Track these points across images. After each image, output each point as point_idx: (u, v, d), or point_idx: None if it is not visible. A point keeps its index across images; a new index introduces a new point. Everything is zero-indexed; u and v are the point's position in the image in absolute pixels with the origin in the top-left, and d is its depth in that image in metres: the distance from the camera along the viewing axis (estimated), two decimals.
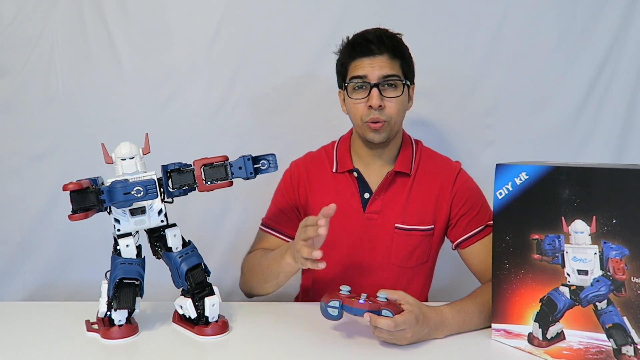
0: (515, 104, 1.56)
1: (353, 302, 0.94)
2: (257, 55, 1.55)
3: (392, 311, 0.92)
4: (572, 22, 1.52)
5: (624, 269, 0.81)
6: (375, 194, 1.22)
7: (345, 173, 1.25)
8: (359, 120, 1.17)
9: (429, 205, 1.22)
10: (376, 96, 1.12)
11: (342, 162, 1.26)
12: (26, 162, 1.56)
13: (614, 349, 0.83)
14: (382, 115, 1.14)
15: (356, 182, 1.24)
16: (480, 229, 1.20)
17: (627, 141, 1.56)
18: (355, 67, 1.15)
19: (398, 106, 1.15)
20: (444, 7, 1.52)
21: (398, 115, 1.17)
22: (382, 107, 1.13)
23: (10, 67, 1.53)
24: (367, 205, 1.22)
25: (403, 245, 1.21)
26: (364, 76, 1.14)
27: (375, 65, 1.13)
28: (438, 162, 1.26)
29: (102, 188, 0.94)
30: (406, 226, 1.21)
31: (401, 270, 1.23)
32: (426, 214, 1.21)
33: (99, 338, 1.00)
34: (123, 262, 0.99)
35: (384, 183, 1.21)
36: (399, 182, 1.23)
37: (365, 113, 1.15)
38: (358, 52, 1.15)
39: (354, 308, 0.93)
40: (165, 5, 1.53)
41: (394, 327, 0.90)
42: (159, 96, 1.55)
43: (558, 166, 0.87)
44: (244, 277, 1.25)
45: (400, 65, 1.16)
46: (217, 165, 1.02)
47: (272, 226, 1.29)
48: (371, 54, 1.14)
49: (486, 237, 1.18)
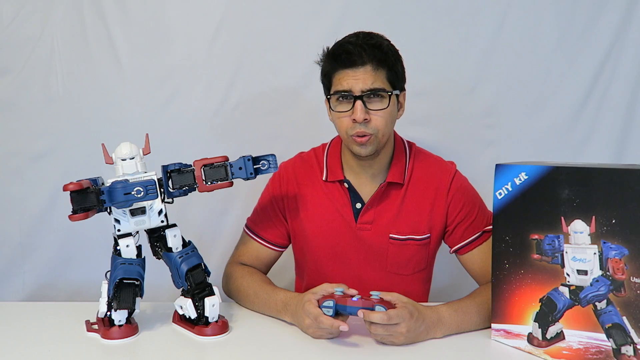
0: (515, 104, 1.56)
1: (347, 301, 0.94)
2: (257, 55, 1.55)
3: (385, 307, 0.92)
4: (572, 22, 1.52)
5: (623, 269, 0.81)
6: (368, 205, 1.18)
7: (336, 182, 1.21)
8: (344, 133, 1.12)
9: (423, 213, 1.19)
10: (360, 109, 1.06)
11: (332, 171, 1.21)
12: (26, 162, 1.56)
13: (614, 348, 0.83)
14: (367, 128, 1.08)
15: (347, 192, 1.20)
16: (478, 235, 1.18)
17: (627, 141, 1.55)
18: (339, 79, 1.09)
19: (385, 118, 1.09)
20: (443, 7, 1.52)
21: (385, 127, 1.10)
22: (367, 120, 1.08)
23: (10, 67, 1.53)
24: (360, 215, 1.19)
25: (399, 255, 1.20)
26: (348, 90, 1.07)
27: (359, 77, 1.07)
28: (432, 167, 1.22)
29: (103, 188, 0.95)
30: (401, 236, 1.18)
31: (399, 277, 1.21)
32: (421, 223, 1.19)
33: (99, 338, 1.00)
34: (123, 262, 0.99)
35: (377, 194, 1.18)
36: (391, 192, 1.19)
37: (350, 126, 1.09)
38: (340, 64, 1.09)
39: (348, 306, 0.93)
40: (165, 5, 1.53)
41: (387, 320, 0.90)
42: (159, 96, 1.55)
43: (558, 166, 0.88)
44: (228, 290, 1.21)
45: (385, 75, 1.09)
46: (217, 166, 1.02)
47: (256, 231, 1.25)
48: (354, 65, 1.07)
49: (484, 243, 1.17)
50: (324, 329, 0.96)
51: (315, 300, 0.97)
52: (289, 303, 1.04)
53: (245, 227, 1.29)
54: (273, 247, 1.26)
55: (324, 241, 1.22)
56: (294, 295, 1.05)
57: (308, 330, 0.98)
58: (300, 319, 1.00)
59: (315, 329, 0.96)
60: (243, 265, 1.23)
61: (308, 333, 0.99)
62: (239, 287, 1.17)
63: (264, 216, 1.26)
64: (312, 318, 0.95)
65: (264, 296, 1.10)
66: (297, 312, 1.00)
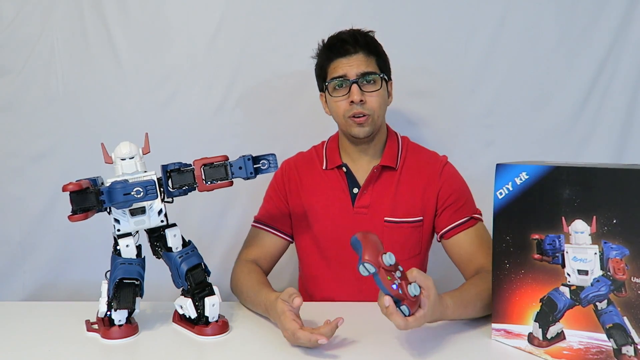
0: (515, 104, 1.56)
1: (387, 280, 0.87)
2: (257, 56, 1.55)
3: (409, 309, 0.87)
4: (572, 22, 1.52)
5: (624, 269, 0.81)
6: (363, 189, 1.24)
7: (335, 169, 1.27)
8: (341, 117, 1.20)
9: (416, 197, 1.23)
10: (356, 91, 1.16)
11: (331, 159, 1.29)
12: (26, 162, 1.56)
13: (614, 349, 0.83)
14: (364, 109, 1.17)
15: (345, 177, 1.26)
16: (465, 219, 1.20)
17: (627, 141, 1.56)
18: (334, 68, 1.20)
19: (379, 100, 1.19)
20: (444, 7, 1.52)
21: (380, 109, 1.20)
22: (363, 101, 1.17)
23: (10, 67, 1.53)
24: (356, 200, 1.24)
25: (394, 238, 1.22)
26: (343, 75, 1.18)
27: (353, 63, 1.18)
28: (424, 156, 1.29)
29: (102, 189, 0.94)
30: (396, 219, 1.23)
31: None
32: (414, 206, 1.23)
33: (99, 338, 1.00)
34: (123, 262, 0.99)
35: (371, 177, 1.24)
36: (386, 176, 1.25)
37: (347, 109, 1.18)
38: (335, 53, 1.19)
39: (383, 286, 0.86)
40: (165, 5, 1.53)
41: (404, 328, 0.88)
42: (159, 96, 1.55)
43: (558, 166, 0.87)
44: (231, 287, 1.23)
45: (376, 62, 1.20)
46: (217, 165, 1.02)
47: (263, 221, 1.29)
48: (347, 53, 1.18)
49: (470, 229, 1.20)
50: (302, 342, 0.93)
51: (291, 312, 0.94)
52: (269, 307, 1.02)
53: (254, 223, 1.31)
54: (280, 234, 1.28)
55: (324, 227, 1.26)
56: (272, 300, 1.01)
57: (288, 341, 0.95)
58: (280, 327, 0.97)
59: (295, 340, 0.93)
60: (246, 262, 1.23)
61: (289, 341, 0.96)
62: (236, 284, 1.20)
63: (269, 207, 1.31)
64: (290, 333, 0.93)
65: (252, 295, 1.12)
66: (276, 320, 0.99)
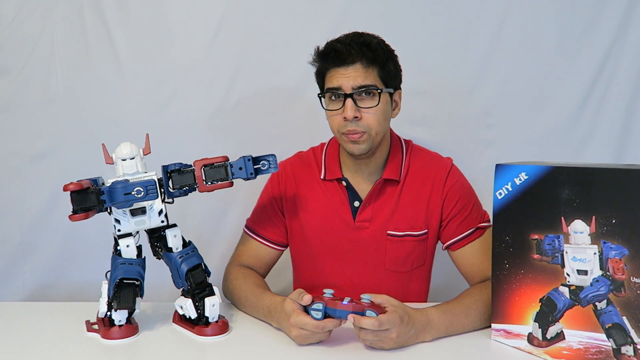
0: (515, 104, 1.56)
1: (336, 304, 0.91)
2: (257, 55, 1.55)
3: (376, 312, 0.90)
4: (572, 22, 1.52)
5: (623, 269, 0.81)
6: (365, 203, 1.19)
7: (334, 181, 1.22)
8: (336, 132, 1.14)
9: (420, 209, 1.19)
10: (350, 107, 1.07)
11: (330, 170, 1.22)
12: (26, 162, 1.56)
13: (614, 348, 0.83)
14: (358, 126, 1.09)
15: (345, 190, 1.21)
16: (471, 231, 1.18)
17: (627, 141, 1.55)
18: (330, 77, 1.11)
19: (377, 116, 1.09)
20: (444, 7, 1.52)
21: (379, 126, 1.10)
22: (358, 117, 1.08)
23: (10, 67, 1.53)
24: (357, 213, 1.20)
25: (397, 252, 1.20)
26: (338, 87, 1.08)
27: (349, 75, 1.07)
28: (428, 163, 1.22)
29: (103, 188, 0.94)
30: (398, 233, 1.19)
31: (396, 275, 1.21)
32: (418, 219, 1.19)
33: (99, 338, 1.00)
34: (123, 263, 0.99)
35: (373, 192, 1.18)
36: (388, 189, 1.19)
37: (341, 124, 1.10)
38: (330, 63, 1.10)
39: (338, 310, 0.91)
40: (165, 5, 1.53)
41: (378, 326, 0.88)
42: (159, 96, 1.55)
43: (558, 166, 0.88)
44: (225, 291, 1.20)
45: (377, 73, 1.09)
46: (218, 166, 1.02)
47: (255, 230, 1.25)
48: (344, 63, 1.08)
49: (476, 240, 1.17)
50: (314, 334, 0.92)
51: (300, 308, 0.94)
52: (273, 310, 1.02)
53: (245, 228, 1.29)
54: (273, 245, 1.25)
55: (321, 240, 1.23)
56: (278, 302, 1.01)
57: (297, 339, 0.95)
58: (286, 330, 0.97)
59: (304, 338, 0.93)
60: (240, 267, 1.22)
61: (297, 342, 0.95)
62: (233, 290, 1.16)
63: (263, 215, 1.26)
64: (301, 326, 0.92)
65: (253, 300, 1.09)
66: (281, 322, 0.98)
